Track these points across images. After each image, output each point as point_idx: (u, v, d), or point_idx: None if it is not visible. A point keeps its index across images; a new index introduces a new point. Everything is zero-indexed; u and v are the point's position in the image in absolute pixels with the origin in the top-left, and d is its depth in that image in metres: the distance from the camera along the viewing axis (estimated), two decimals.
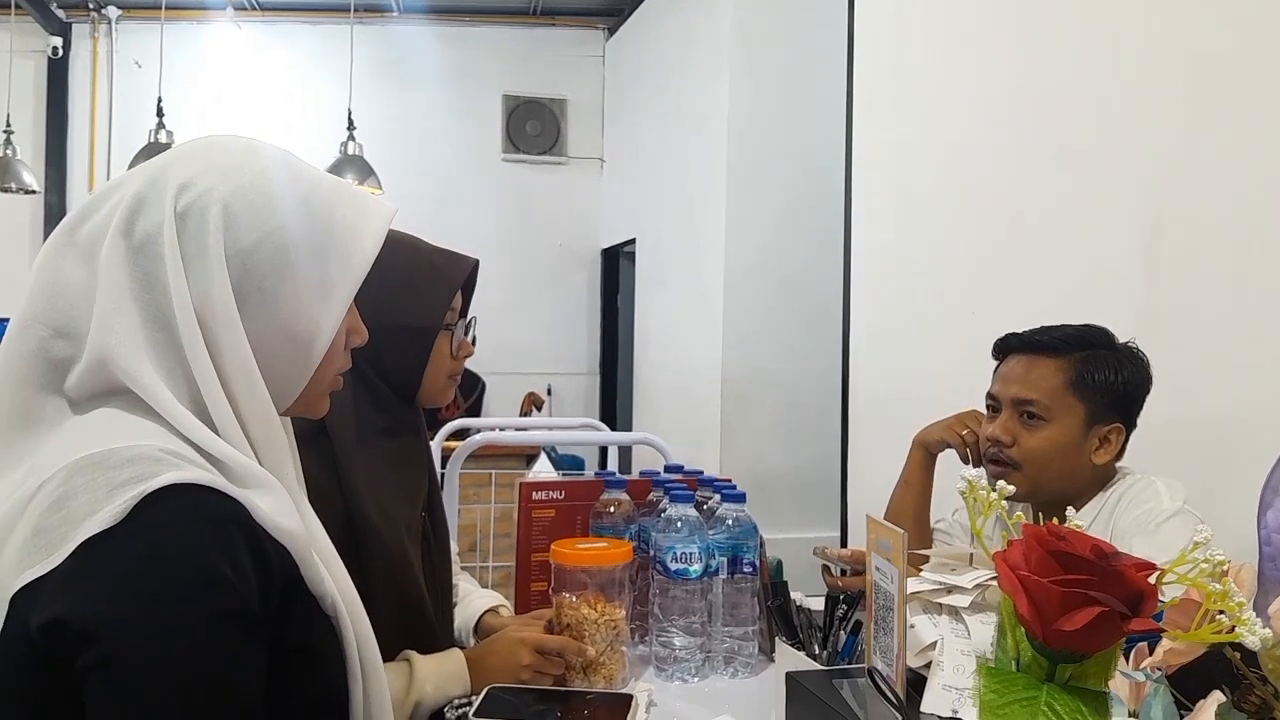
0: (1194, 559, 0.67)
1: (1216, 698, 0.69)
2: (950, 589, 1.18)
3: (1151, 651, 0.77)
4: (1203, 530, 0.68)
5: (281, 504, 0.82)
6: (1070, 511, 0.81)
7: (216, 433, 0.82)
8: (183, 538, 0.74)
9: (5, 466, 0.82)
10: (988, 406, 1.69)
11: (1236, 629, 0.65)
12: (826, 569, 1.64)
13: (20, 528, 0.75)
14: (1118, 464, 1.65)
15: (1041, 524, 0.71)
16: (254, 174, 0.87)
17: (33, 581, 0.72)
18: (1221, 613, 0.67)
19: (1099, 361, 1.60)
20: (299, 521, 0.84)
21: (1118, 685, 0.71)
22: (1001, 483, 0.80)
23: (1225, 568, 0.67)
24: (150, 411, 0.81)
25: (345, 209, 0.92)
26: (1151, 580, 0.63)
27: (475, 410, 5.12)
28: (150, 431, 0.80)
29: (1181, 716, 0.74)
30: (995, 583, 1.15)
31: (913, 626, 1.14)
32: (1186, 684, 0.76)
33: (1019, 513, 0.75)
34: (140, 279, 0.82)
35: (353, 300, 0.92)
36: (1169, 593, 0.71)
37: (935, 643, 1.13)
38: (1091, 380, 1.59)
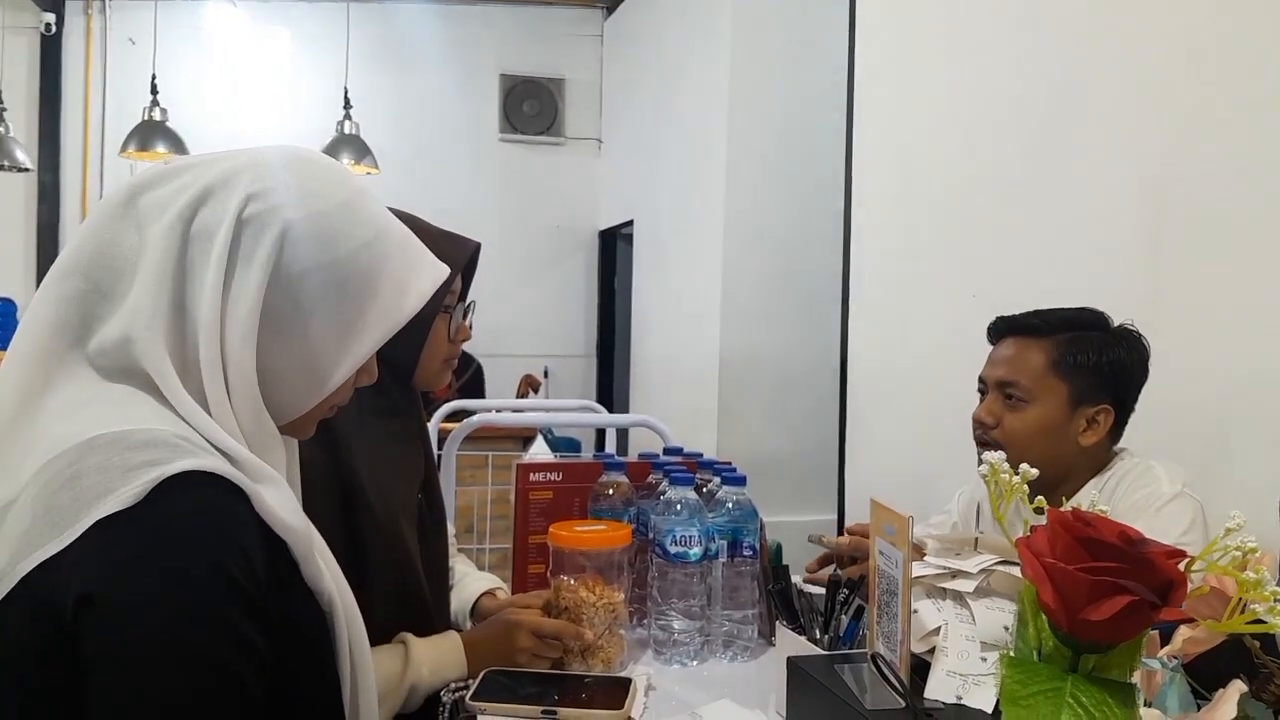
0: (1224, 546, 0.65)
1: (1238, 687, 0.67)
2: (954, 574, 1.16)
3: (1165, 640, 0.76)
4: (1235, 516, 0.66)
5: (286, 500, 0.83)
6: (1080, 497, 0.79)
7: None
8: (196, 525, 0.74)
9: (20, 425, 0.81)
10: (979, 390, 1.69)
11: (1268, 619, 0.64)
12: (826, 560, 1.62)
13: (26, 503, 0.75)
14: (1117, 446, 1.64)
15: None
16: (326, 206, 0.88)
17: (47, 561, 0.72)
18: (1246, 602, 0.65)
19: (1084, 343, 1.59)
20: (302, 519, 0.84)
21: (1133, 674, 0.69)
22: (1025, 465, 0.79)
23: (1255, 556, 0.65)
24: (164, 398, 0.81)
25: (399, 262, 0.92)
26: (1181, 567, 0.61)
27: (469, 391, 5.09)
28: (162, 417, 0.80)
29: (1198, 706, 0.73)
30: (1000, 568, 1.14)
31: (916, 612, 1.12)
32: (1202, 673, 0.74)
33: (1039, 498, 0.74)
34: (185, 267, 0.83)
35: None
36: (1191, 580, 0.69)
37: (939, 628, 1.11)
38: (1074, 361, 1.58)
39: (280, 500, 0.81)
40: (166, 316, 0.82)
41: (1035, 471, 0.80)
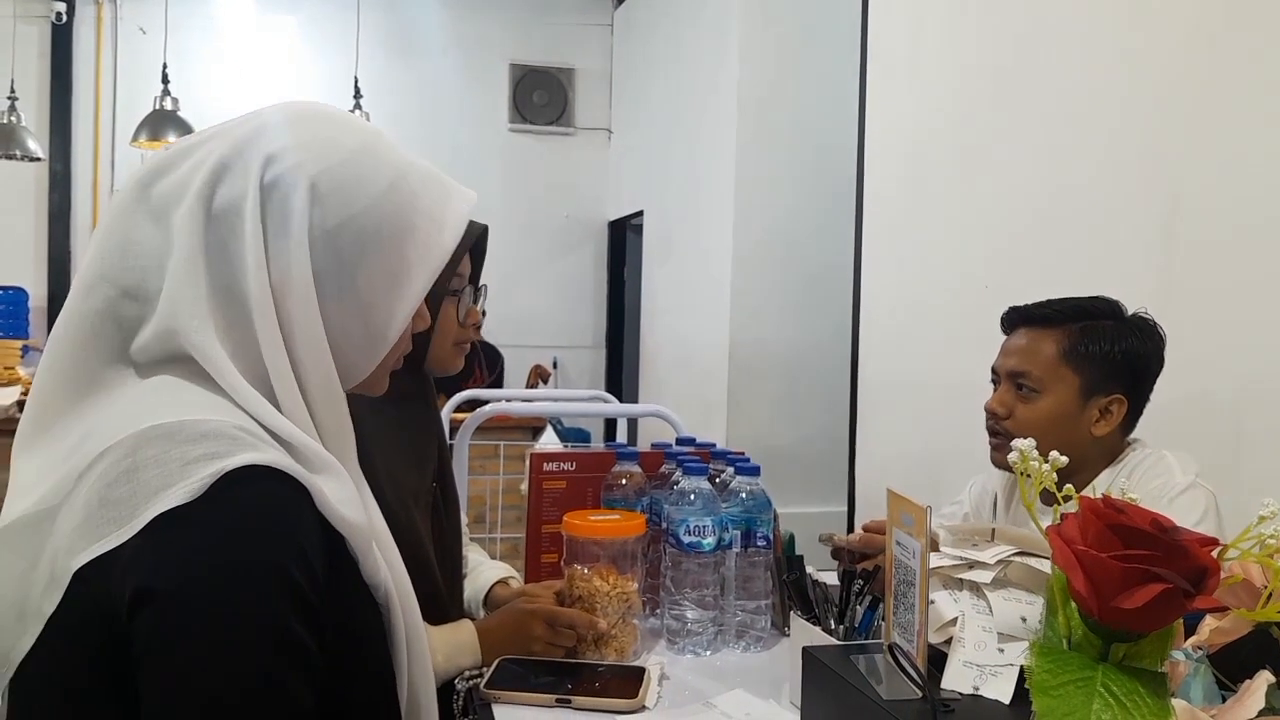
0: (1257, 534, 0.64)
1: (1265, 678, 0.67)
2: (971, 564, 1.16)
3: (1189, 631, 0.75)
4: (1269, 504, 0.66)
5: (346, 492, 0.80)
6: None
7: (281, 413, 0.80)
8: (257, 523, 0.72)
9: (63, 430, 0.79)
10: (992, 381, 1.68)
11: None
12: (837, 555, 1.62)
13: (79, 497, 0.73)
14: (1130, 437, 1.63)
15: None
16: (345, 153, 0.85)
17: (103, 555, 0.70)
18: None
19: (1097, 332, 1.58)
20: (362, 512, 0.82)
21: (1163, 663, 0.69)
22: (1054, 452, 0.78)
23: None
24: (214, 384, 0.79)
25: (430, 197, 0.90)
26: (1214, 555, 0.60)
27: (497, 385, 5.11)
28: (219, 406, 0.77)
29: (1223, 697, 0.72)
30: (1017, 559, 1.13)
31: (933, 602, 1.12)
32: (1225, 664, 0.74)
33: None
34: (216, 248, 0.80)
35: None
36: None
37: (956, 619, 1.11)
38: (1086, 351, 1.58)
39: (340, 493, 0.79)
40: (208, 302, 0.79)
41: (1065, 459, 0.80)
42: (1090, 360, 1.57)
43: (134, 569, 0.69)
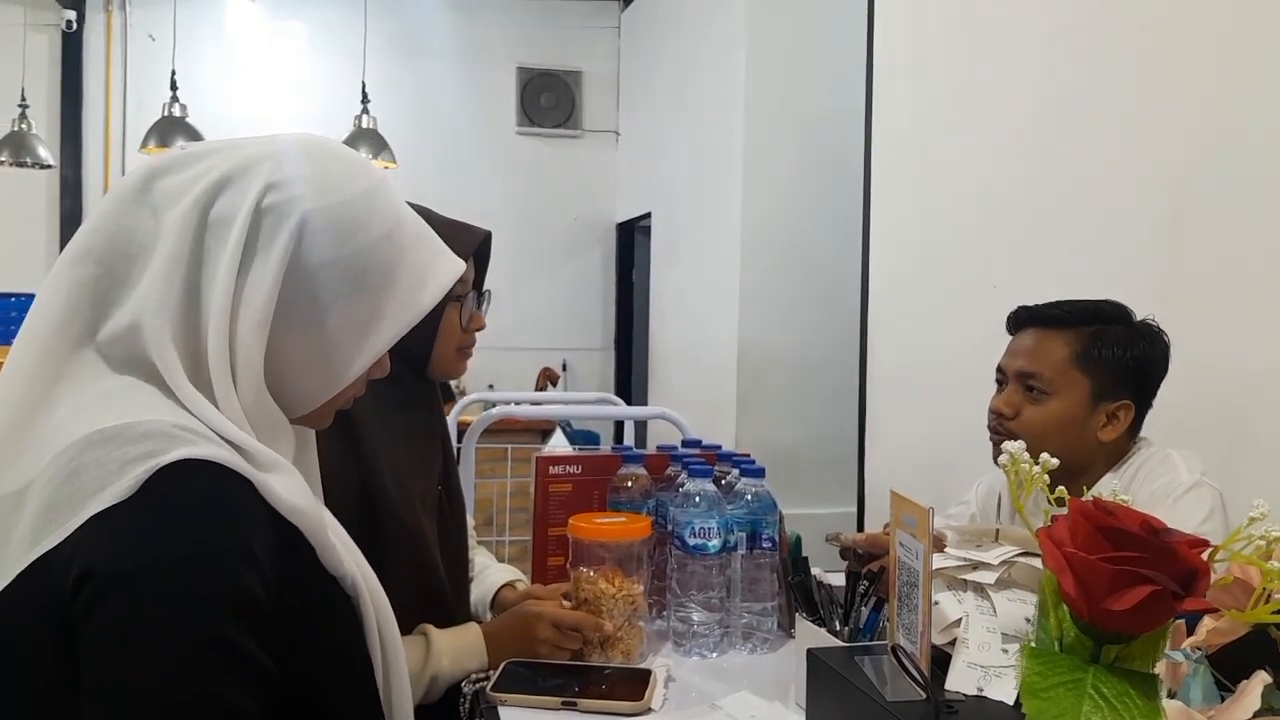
0: (1248, 535, 0.64)
1: (1261, 679, 0.67)
2: (975, 565, 1.15)
3: (1189, 630, 0.75)
4: (1259, 505, 0.66)
5: (296, 485, 0.81)
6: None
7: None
8: (193, 513, 0.73)
9: (34, 419, 0.80)
10: (997, 380, 1.67)
11: None
12: (845, 554, 1.62)
13: (29, 503, 0.75)
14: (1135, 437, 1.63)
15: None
16: (346, 197, 0.86)
17: (46, 555, 0.72)
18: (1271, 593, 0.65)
19: (1108, 337, 1.57)
20: (313, 502, 0.83)
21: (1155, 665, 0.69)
22: (1045, 455, 0.78)
23: None
24: (169, 389, 0.80)
25: (418, 255, 0.91)
26: (1204, 557, 0.60)
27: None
28: (165, 408, 0.79)
29: (1221, 698, 0.72)
30: (1021, 559, 1.13)
31: (937, 603, 1.12)
32: (1226, 664, 0.74)
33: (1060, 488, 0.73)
34: (200, 255, 0.82)
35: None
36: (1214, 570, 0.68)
37: (960, 620, 1.11)
38: (1098, 355, 1.56)
39: (289, 485, 0.80)
40: (177, 304, 0.81)
41: (1056, 461, 0.80)
42: (1101, 364, 1.56)
43: (76, 560, 0.71)
